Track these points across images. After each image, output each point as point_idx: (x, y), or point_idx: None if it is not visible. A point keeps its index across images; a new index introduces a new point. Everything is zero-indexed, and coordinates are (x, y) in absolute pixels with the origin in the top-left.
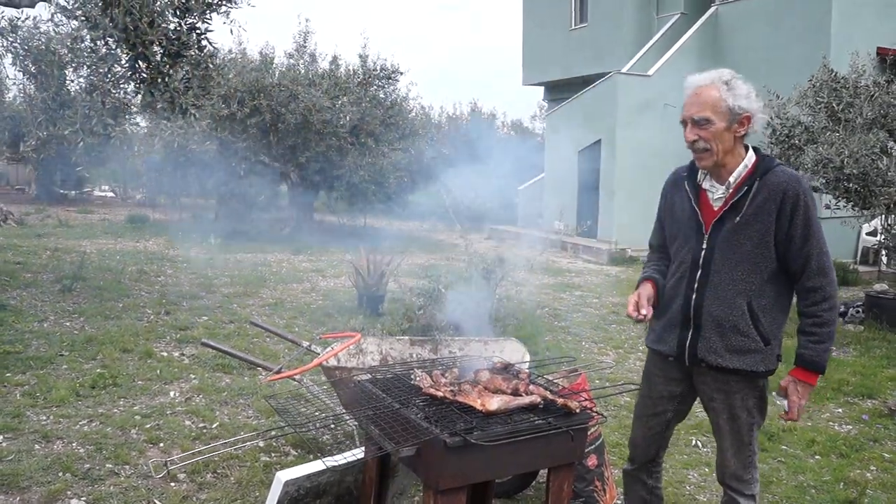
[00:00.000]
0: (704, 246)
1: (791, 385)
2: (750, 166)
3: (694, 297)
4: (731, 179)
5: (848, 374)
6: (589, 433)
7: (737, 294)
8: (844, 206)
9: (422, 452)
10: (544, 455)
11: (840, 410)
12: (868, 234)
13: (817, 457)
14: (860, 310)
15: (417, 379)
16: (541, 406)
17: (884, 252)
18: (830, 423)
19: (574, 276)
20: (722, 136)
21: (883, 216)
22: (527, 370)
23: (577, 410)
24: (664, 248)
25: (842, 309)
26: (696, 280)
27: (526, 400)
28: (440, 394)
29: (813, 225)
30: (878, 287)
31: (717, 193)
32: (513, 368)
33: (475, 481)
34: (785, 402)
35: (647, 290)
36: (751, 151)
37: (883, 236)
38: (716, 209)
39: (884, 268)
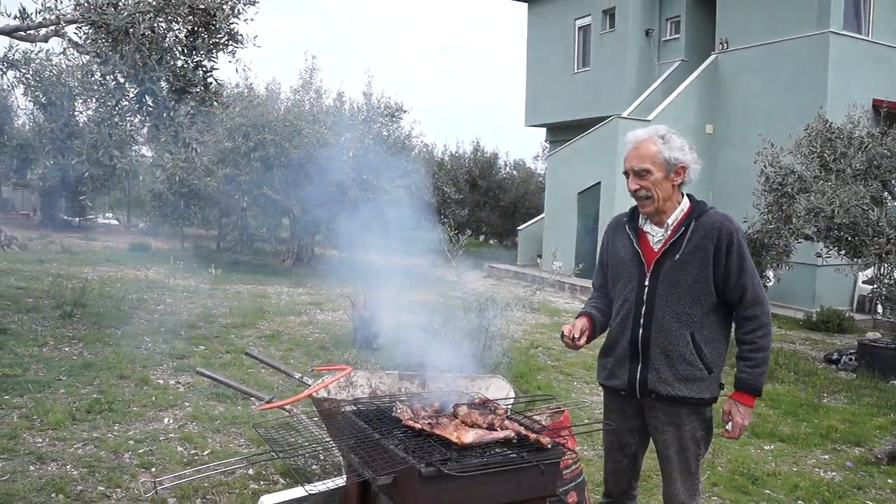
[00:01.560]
0: (647, 283)
1: (733, 408)
2: (685, 210)
3: (641, 331)
4: (669, 222)
5: (837, 421)
6: (569, 470)
7: (680, 326)
8: (836, 255)
9: (398, 481)
10: (516, 488)
11: (827, 457)
12: (864, 282)
13: (800, 502)
14: (853, 357)
15: (398, 411)
16: (514, 441)
17: (878, 301)
18: (816, 469)
19: (570, 317)
20: (661, 184)
21: (876, 265)
22: (504, 406)
23: (549, 446)
24: (605, 289)
25: (835, 356)
26: (641, 315)
27: (500, 434)
28: (419, 426)
29: (746, 259)
30: (871, 335)
31: (657, 236)
32: (491, 404)
33: None
34: (729, 424)
35: (583, 322)
36: (685, 198)
37: (876, 285)
38: (656, 250)
39: (879, 316)
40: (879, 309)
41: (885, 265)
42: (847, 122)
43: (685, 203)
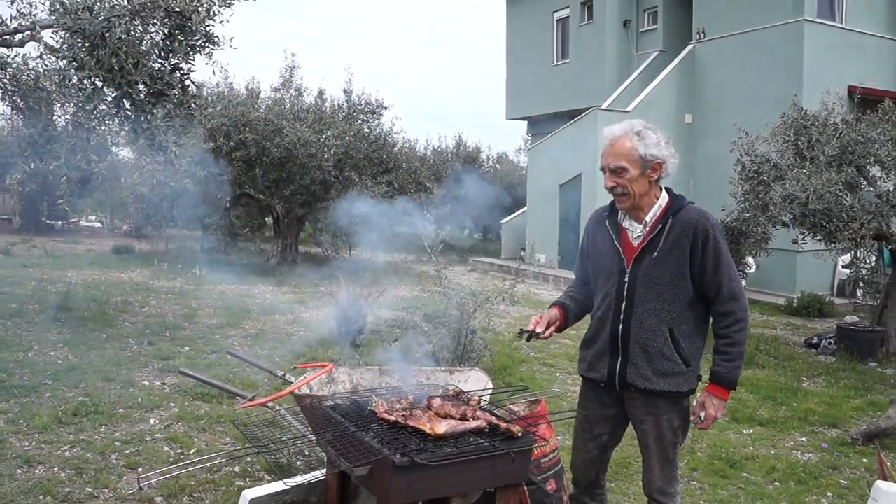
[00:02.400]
0: (627, 279)
1: (707, 400)
2: (663, 206)
3: (621, 327)
4: (648, 219)
5: (815, 403)
6: (548, 459)
7: (659, 322)
8: (813, 241)
9: (374, 472)
10: (488, 476)
11: (804, 439)
12: (844, 266)
13: (776, 483)
14: (832, 341)
15: (374, 405)
16: (486, 431)
17: (860, 284)
18: (793, 452)
19: None
20: (637, 181)
21: (853, 251)
22: (476, 397)
23: (519, 434)
24: (585, 280)
25: (814, 340)
26: (621, 311)
27: (472, 424)
28: (393, 418)
29: (722, 255)
30: (849, 319)
31: (636, 232)
32: (464, 396)
33: (423, 499)
34: (702, 413)
35: (553, 313)
36: (664, 192)
37: (853, 269)
38: (635, 246)
39: (858, 300)
40: (859, 293)
41: (861, 249)
42: (822, 109)
43: (664, 198)
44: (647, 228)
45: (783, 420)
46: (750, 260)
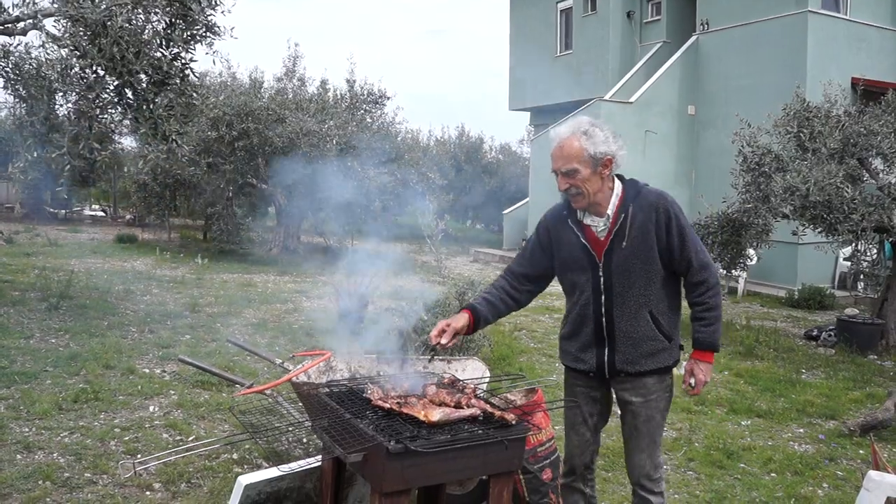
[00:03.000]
0: (602, 274)
1: (695, 366)
2: (620, 195)
3: (604, 320)
4: (609, 212)
5: (813, 395)
6: (544, 448)
7: (640, 307)
8: (814, 233)
9: (368, 458)
10: (482, 463)
11: (802, 431)
12: (845, 259)
13: (773, 474)
14: (832, 334)
15: (369, 392)
16: (481, 419)
17: (861, 277)
18: (791, 443)
19: (555, 300)
20: (590, 180)
21: (854, 243)
22: (471, 386)
23: (513, 422)
24: (525, 278)
25: (814, 332)
26: (601, 304)
27: (466, 412)
28: (387, 405)
29: (686, 231)
30: (849, 311)
31: (599, 226)
32: (459, 384)
33: (417, 485)
34: (692, 380)
35: (460, 322)
36: (618, 182)
37: (854, 262)
38: (602, 239)
39: (859, 293)
40: (860, 286)
41: (862, 242)
42: (825, 100)
43: (618, 187)
44: (611, 221)
45: (781, 411)
46: (751, 252)
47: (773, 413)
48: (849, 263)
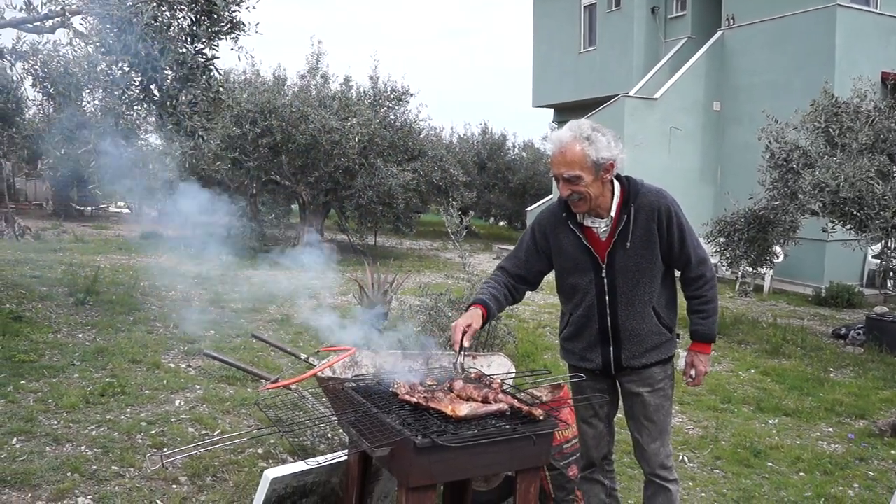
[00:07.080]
0: (605, 275)
1: (695, 358)
2: (620, 195)
3: (609, 320)
4: (612, 214)
5: (843, 394)
6: (570, 444)
7: (644, 305)
8: (843, 230)
9: (395, 453)
10: (509, 458)
11: (831, 430)
12: (874, 257)
13: (801, 474)
14: (861, 332)
15: (395, 386)
16: (508, 414)
17: (891, 275)
18: (819, 442)
19: None
20: (592, 185)
21: (884, 240)
22: (498, 381)
23: (541, 417)
24: (520, 279)
25: (843, 331)
26: (606, 305)
27: (494, 407)
28: (414, 400)
29: (685, 228)
30: (878, 310)
31: (601, 227)
32: (485, 379)
33: (444, 480)
34: (693, 371)
35: (480, 322)
36: (617, 183)
37: (884, 259)
38: (604, 240)
39: (889, 291)
40: (889, 284)
41: (893, 239)
42: (854, 95)
43: (618, 188)
44: (612, 221)
45: (809, 410)
46: (777, 249)
47: (800, 412)
48: (878, 261)
